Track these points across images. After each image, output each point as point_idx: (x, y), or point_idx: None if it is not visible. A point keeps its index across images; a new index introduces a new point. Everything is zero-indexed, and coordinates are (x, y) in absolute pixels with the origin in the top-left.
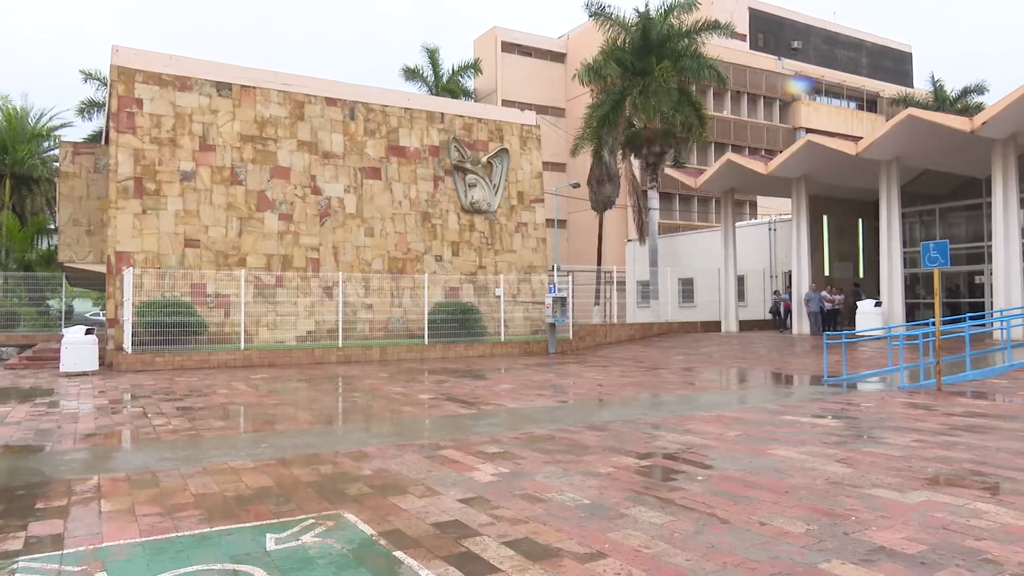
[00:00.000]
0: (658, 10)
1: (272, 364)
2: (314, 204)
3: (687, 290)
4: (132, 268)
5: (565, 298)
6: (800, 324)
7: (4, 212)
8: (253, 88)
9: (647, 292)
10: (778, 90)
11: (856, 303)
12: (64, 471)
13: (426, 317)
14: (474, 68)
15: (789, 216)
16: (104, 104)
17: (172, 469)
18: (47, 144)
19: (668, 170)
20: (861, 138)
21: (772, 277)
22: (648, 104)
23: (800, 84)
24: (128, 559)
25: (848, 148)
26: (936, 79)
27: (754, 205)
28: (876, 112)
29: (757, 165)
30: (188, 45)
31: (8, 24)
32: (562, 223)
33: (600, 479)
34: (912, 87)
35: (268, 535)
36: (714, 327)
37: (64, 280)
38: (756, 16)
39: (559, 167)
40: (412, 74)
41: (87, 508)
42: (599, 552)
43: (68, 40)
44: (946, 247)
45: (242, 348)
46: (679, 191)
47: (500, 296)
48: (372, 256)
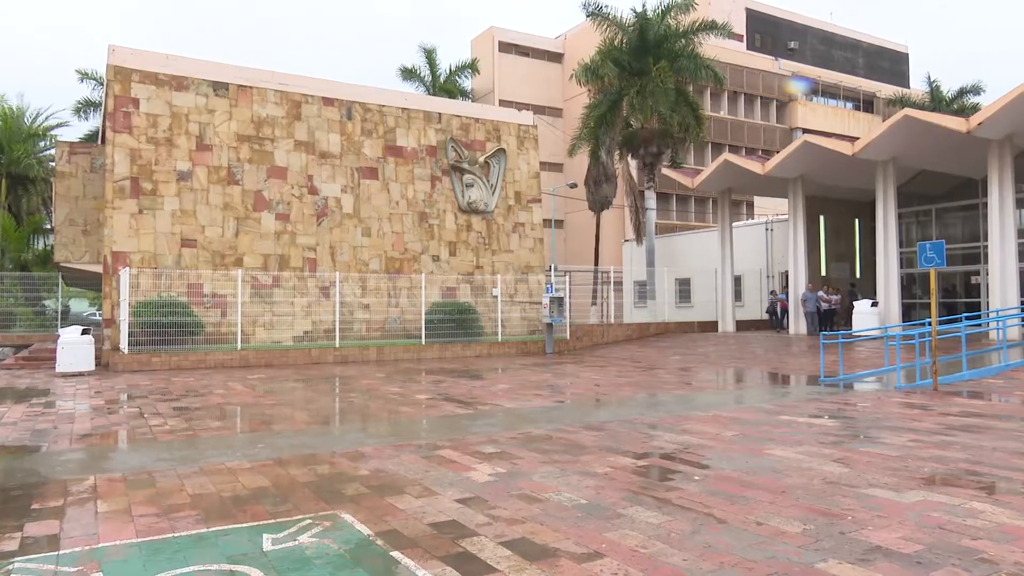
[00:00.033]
0: (655, 10)
1: (269, 364)
2: (311, 204)
3: (684, 290)
4: (128, 268)
5: (562, 298)
6: (797, 324)
7: (0, 212)
8: (250, 88)
9: (644, 292)
10: (775, 90)
11: (852, 303)
12: (60, 471)
13: (423, 317)
14: (471, 68)
15: (786, 216)
16: (100, 104)
17: (169, 469)
18: (43, 144)
19: (665, 170)
20: (858, 138)
21: (769, 277)
22: (645, 104)
23: (799, 84)
24: (124, 559)
25: (845, 148)
26: (932, 79)
27: (751, 205)
28: (872, 112)
29: (754, 165)
30: (188, 45)
31: (8, 24)
32: (559, 223)
33: (597, 479)
34: (908, 87)
35: (265, 535)
36: (711, 327)
37: (60, 280)
38: (753, 16)
39: (556, 167)
40: (409, 74)
41: (83, 508)
42: (596, 552)
43: (68, 40)
44: (942, 247)
45: (239, 348)
46: (676, 191)
47: (497, 296)
48: (369, 256)
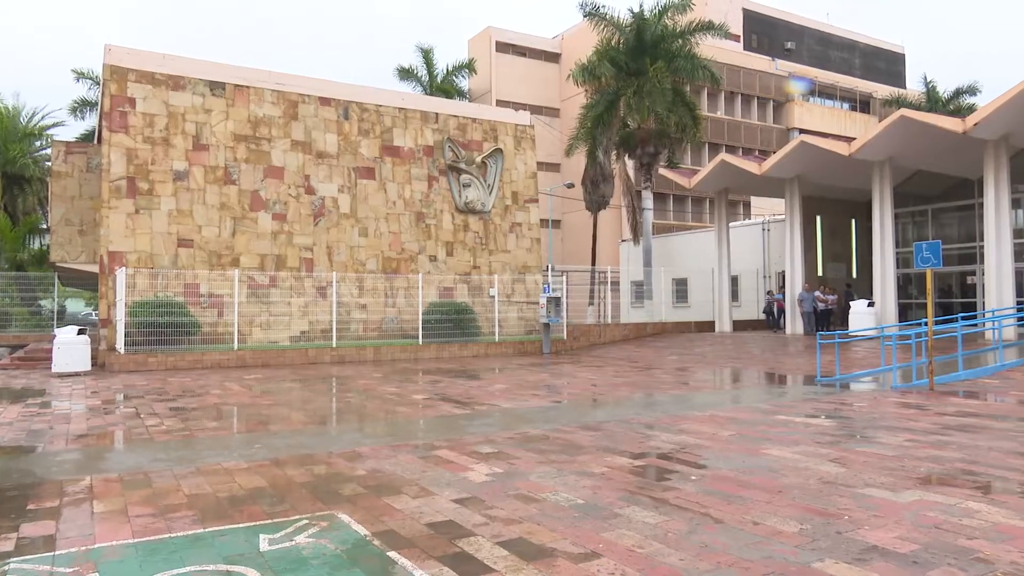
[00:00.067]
0: (652, 11)
1: (266, 364)
2: (308, 204)
3: (681, 290)
4: (125, 268)
5: (559, 298)
6: (793, 324)
7: None
8: (247, 87)
9: (641, 292)
10: (772, 91)
11: (848, 303)
12: (56, 472)
13: (420, 317)
14: (468, 68)
15: (782, 216)
16: (97, 103)
17: (165, 470)
18: (39, 143)
19: (662, 170)
20: (854, 139)
21: (766, 277)
22: (642, 104)
23: (799, 84)
24: (121, 560)
25: (841, 149)
26: (929, 80)
27: (748, 205)
28: (869, 113)
29: (751, 165)
30: (188, 45)
31: (8, 24)
32: (556, 223)
33: (594, 479)
34: (905, 88)
35: (262, 536)
36: (708, 327)
37: (56, 280)
38: (750, 17)
39: (553, 167)
40: (406, 74)
41: (79, 509)
42: (593, 552)
43: (68, 40)
44: (938, 247)
45: (235, 348)
46: (673, 191)
47: (494, 296)
48: (366, 256)
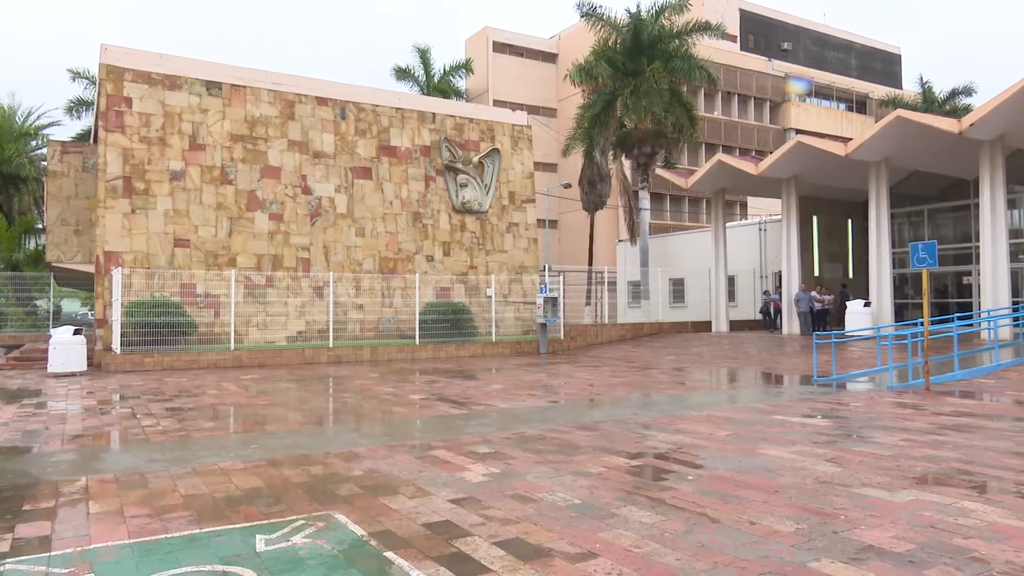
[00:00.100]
0: (649, 11)
1: (262, 364)
2: (304, 204)
3: (678, 290)
4: (121, 268)
5: (556, 298)
6: (790, 324)
7: None
8: (243, 87)
9: (638, 292)
10: (768, 91)
11: (844, 303)
12: (52, 472)
13: (417, 317)
14: (465, 68)
15: (779, 217)
16: (93, 103)
17: (161, 470)
18: (35, 143)
19: (659, 171)
20: (850, 139)
21: (762, 277)
22: (639, 105)
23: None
24: (117, 561)
25: (838, 149)
26: (925, 81)
27: (744, 206)
28: (865, 113)
29: (747, 166)
30: (188, 45)
31: (8, 24)
32: (553, 223)
33: (591, 479)
34: (901, 88)
35: (258, 536)
36: (704, 327)
37: (52, 280)
38: (746, 17)
39: (550, 167)
40: (403, 74)
41: (75, 510)
42: (590, 552)
43: (68, 40)
44: (934, 248)
45: (232, 348)
46: (670, 192)
47: (491, 296)
48: (363, 256)
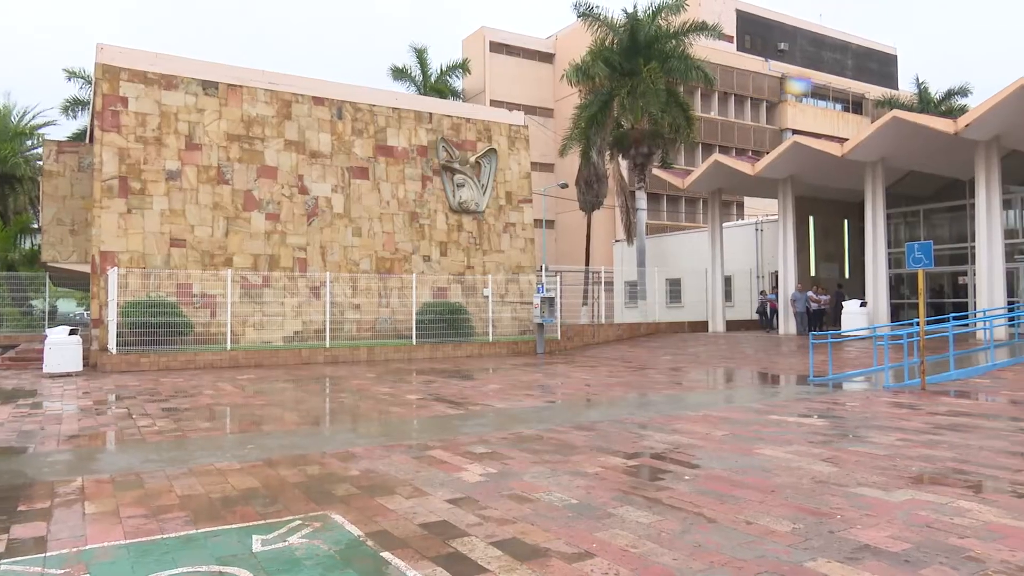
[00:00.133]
0: (646, 11)
1: (259, 365)
2: (301, 204)
3: (674, 290)
4: (117, 268)
5: (553, 298)
6: (786, 324)
7: None
8: (240, 87)
9: (635, 292)
10: (765, 91)
11: (840, 304)
12: (47, 473)
13: (414, 317)
14: (462, 68)
15: (775, 217)
16: (89, 102)
17: (157, 470)
18: (31, 142)
19: (656, 171)
20: (847, 139)
21: (759, 277)
22: (636, 105)
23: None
24: (112, 561)
25: (834, 149)
26: (921, 81)
27: (741, 206)
28: (861, 114)
29: (744, 166)
30: (188, 46)
31: (8, 24)
32: (550, 223)
33: (588, 479)
34: (897, 89)
35: (254, 536)
36: (701, 327)
37: (47, 280)
38: (743, 18)
39: (547, 167)
40: (400, 74)
41: (70, 510)
42: (586, 552)
43: (68, 40)
44: (930, 248)
45: (228, 349)
46: (667, 192)
47: (488, 296)
48: (360, 256)
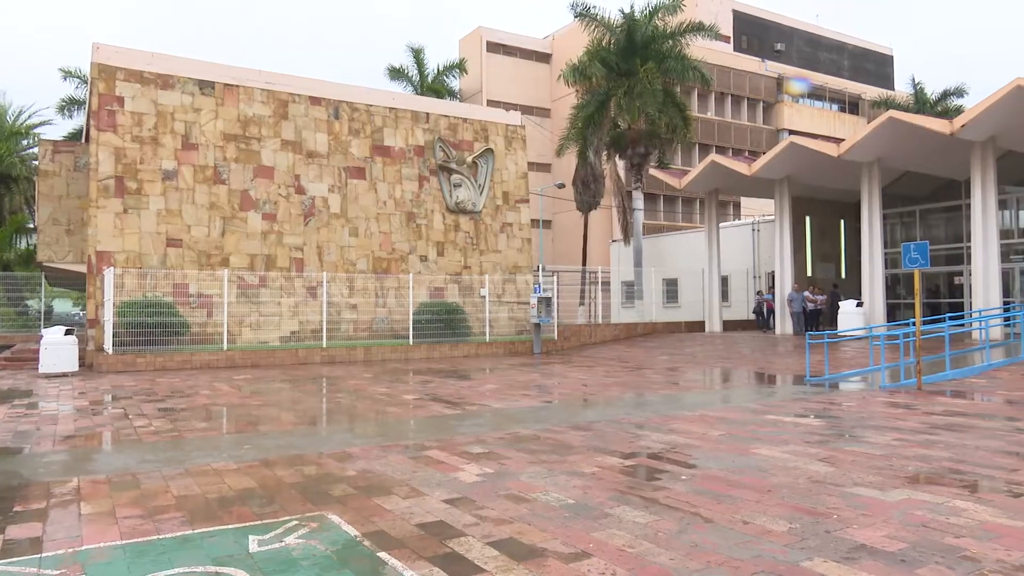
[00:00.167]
0: (643, 11)
1: (255, 365)
2: (298, 204)
3: (671, 290)
4: (113, 268)
5: (550, 298)
6: (783, 324)
7: None
8: (236, 87)
9: (632, 292)
10: (761, 92)
11: (837, 304)
12: (43, 473)
13: (411, 317)
14: (459, 68)
15: (772, 217)
16: (85, 102)
17: (153, 471)
18: (26, 142)
19: (653, 171)
20: (843, 140)
21: (755, 278)
22: (633, 105)
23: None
24: (108, 562)
25: (830, 150)
26: (917, 82)
27: (738, 206)
28: (858, 114)
29: (741, 166)
30: (188, 46)
31: (8, 24)
32: (547, 223)
33: (584, 479)
34: (893, 90)
35: (251, 537)
36: (698, 327)
37: (43, 280)
38: (740, 18)
39: (544, 167)
40: (397, 74)
41: (66, 511)
42: (583, 552)
43: (68, 41)
44: (926, 248)
45: (225, 349)
46: (664, 192)
47: (485, 296)
48: (356, 256)
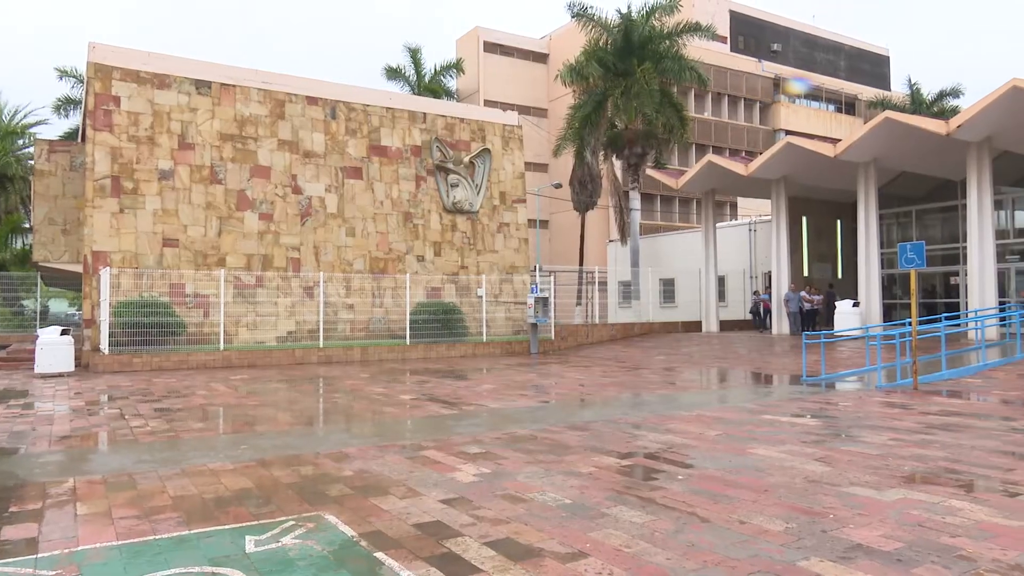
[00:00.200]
0: (640, 12)
1: (252, 365)
2: (295, 204)
3: (668, 290)
4: (109, 268)
5: (547, 298)
6: (780, 324)
7: None
8: (233, 86)
9: (629, 292)
10: (758, 92)
11: (833, 304)
12: (39, 474)
13: (408, 317)
14: (456, 68)
15: (769, 217)
16: (81, 101)
17: (150, 471)
18: (22, 142)
19: (650, 171)
20: (840, 140)
21: (752, 278)
22: (630, 105)
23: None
24: (104, 562)
25: (827, 150)
26: (913, 82)
27: (734, 206)
28: (854, 115)
29: (737, 166)
30: (188, 46)
31: (8, 24)
32: (544, 223)
33: (581, 479)
34: (889, 90)
35: (247, 537)
36: (695, 327)
37: (39, 280)
38: (737, 18)
39: (541, 167)
40: (394, 74)
41: (62, 511)
42: (580, 552)
43: (68, 40)
44: (922, 248)
45: (221, 349)
46: (660, 192)
47: (482, 296)
48: (353, 256)
